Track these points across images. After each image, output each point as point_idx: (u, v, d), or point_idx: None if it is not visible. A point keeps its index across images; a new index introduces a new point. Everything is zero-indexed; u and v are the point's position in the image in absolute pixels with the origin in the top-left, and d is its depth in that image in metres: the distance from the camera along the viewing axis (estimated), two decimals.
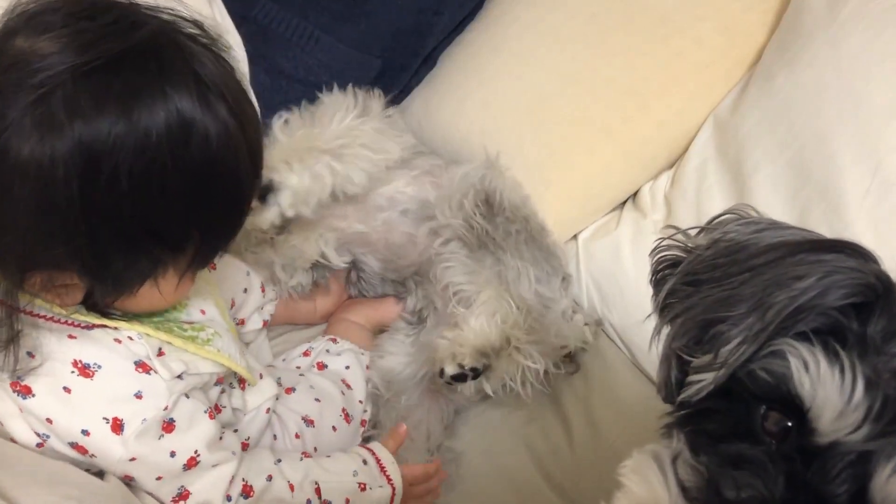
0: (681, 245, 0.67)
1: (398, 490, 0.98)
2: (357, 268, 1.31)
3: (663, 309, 0.65)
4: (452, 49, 1.48)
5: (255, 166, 0.76)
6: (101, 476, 0.79)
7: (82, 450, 0.76)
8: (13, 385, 0.74)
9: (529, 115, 1.34)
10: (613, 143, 1.33)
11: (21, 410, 0.75)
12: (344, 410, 1.09)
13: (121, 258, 0.70)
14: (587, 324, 1.25)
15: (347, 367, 1.16)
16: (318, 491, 0.91)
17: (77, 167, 0.63)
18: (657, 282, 0.67)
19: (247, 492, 0.85)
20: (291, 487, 0.89)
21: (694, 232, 0.68)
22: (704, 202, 1.24)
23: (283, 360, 1.20)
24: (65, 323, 0.76)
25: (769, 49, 1.29)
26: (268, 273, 1.20)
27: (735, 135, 1.24)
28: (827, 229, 1.06)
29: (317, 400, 1.08)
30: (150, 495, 0.81)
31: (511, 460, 1.16)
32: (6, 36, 0.66)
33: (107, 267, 0.70)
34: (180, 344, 0.81)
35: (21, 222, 0.66)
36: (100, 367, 0.76)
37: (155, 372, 0.78)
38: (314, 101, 1.27)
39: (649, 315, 0.68)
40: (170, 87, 0.66)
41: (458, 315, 1.12)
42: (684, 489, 0.52)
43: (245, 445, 0.91)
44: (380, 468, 0.99)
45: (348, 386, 1.13)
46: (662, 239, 0.68)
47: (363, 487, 0.95)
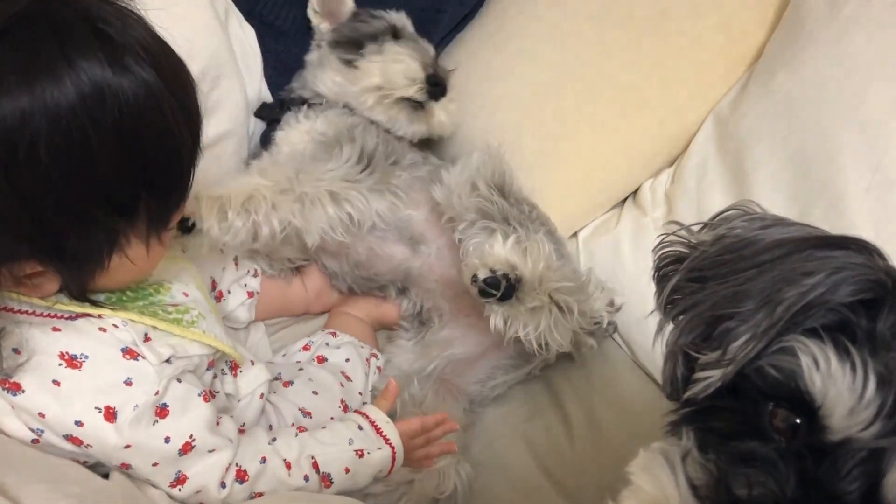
0: (684, 241, 0.66)
1: (398, 449, 0.97)
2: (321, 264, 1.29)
3: (667, 305, 0.65)
4: (453, 47, 1.48)
5: (191, 118, 0.74)
6: (103, 474, 0.79)
7: (77, 441, 0.76)
8: (1, 383, 0.74)
9: (530, 113, 1.34)
10: (614, 141, 1.33)
11: (13, 407, 0.75)
12: (343, 402, 1.10)
13: (73, 234, 0.68)
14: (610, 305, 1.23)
15: (347, 360, 1.17)
16: (316, 465, 0.90)
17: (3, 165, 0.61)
18: (660, 278, 0.67)
19: (241, 477, 0.85)
20: (288, 465, 0.89)
21: (697, 228, 0.67)
22: (705, 199, 1.24)
23: (284, 356, 1.20)
24: (48, 316, 0.76)
25: (770, 47, 1.29)
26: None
27: (735, 132, 1.24)
28: (827, 227, 1.02)
29: (314, 392, 1.08)
30: (147, 482, 0.81)
31: (512, 457, 1.16)
32: None
33: (63, 247, 0.69)
34: (165, 327, 0.81)
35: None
36: (87, 358, 0.75)
37: (143, 357, 0.77)
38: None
39: (652, 311, 0.67)
40: (73, 52, 0.63)
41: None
42: (694, 487, 0.52)
43: (241, 432, 0.91)
44: (375, 430, 0.97)
45: (348, 378, 1.14)
46: (665, 235, 0.68)
47: (361, 454, 0.93)
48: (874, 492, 0.46)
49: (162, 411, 0.79)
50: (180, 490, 0.81)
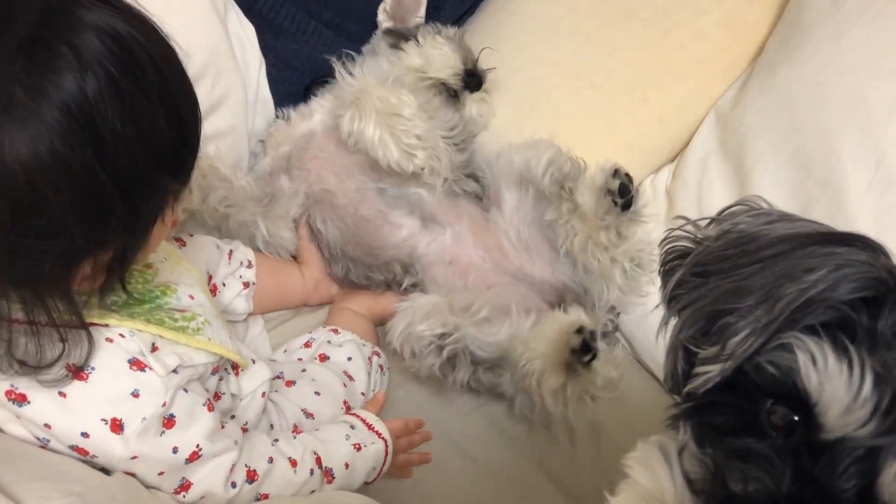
0: (690, 236, 0.66)
1: (389, 442, 1.01)
2: (315, 233, 1.28)
3: (671, 300, 0.65)
4: None
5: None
6: (104, 470, 0.78)
7: (83, 451, 0.76)
8: (8, 394, 0.73)
9: (530, 109, 1.34)
10: (615, 137, 1.33)
11: (18, 417, 0.74)
12: (346, 403, 1.09)
13: (145, 204, 0.69)
14: None
15: (349, 359, 1.15)
16: (319, 460, 0.92)
17: (78, 136, 0.61)
18: (665, 272, 0.67)
19: (251, 477, 0.85)
20: (293, 463, 0.90)
21: (704, 223, 0.67)
22: (706, 196, 1.24)
23: (285, 352, 1.19)
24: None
25: (771, 43, 1.28)
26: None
27: (737, 128, 1.24)
28: (828, 223, 1.04)
29: (317, 393, 1.08)
30: (152, 488, 0.80)
31: (512, 454, 1.16)
32: None
33: (138, 218, 0.69)
34: (172, 336, 0.81)
35: (69, 220, 0.63)
36: (93, 369, 0.74)
37: (150, 369, 0.77)
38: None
39: (657, 306, 0.67)
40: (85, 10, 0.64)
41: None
42: (690, 481, 0.52)
43: (244, 430, 0.91)
44: (367, 426, 1.01)
45: (350, 378, 1.13)
46: (672, 230, 0.67)
47: (358, 447, 0.97)
48: (870, 490, 0.46)
49: (169, 422, 0.78)
50: (185, 496, 0.81)
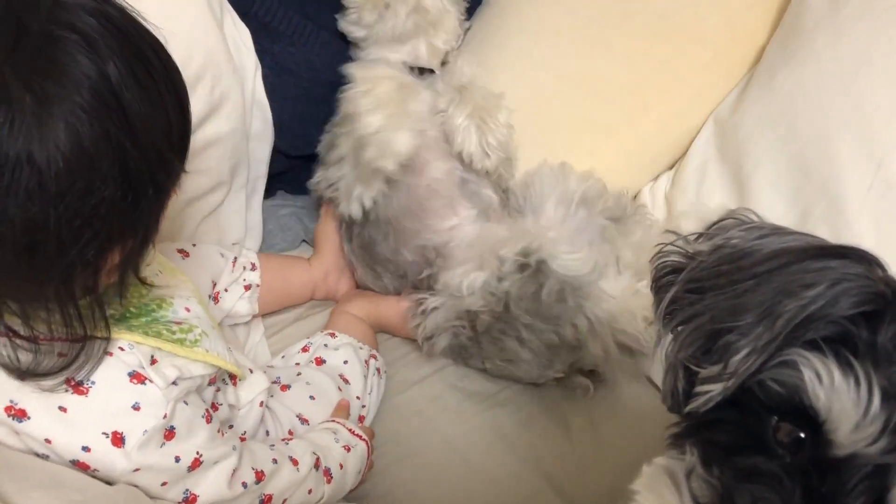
0: (681, 251, 0.66)
1: (370, 443, 1.06)
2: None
3: (665, 316, 0.64)
4: None
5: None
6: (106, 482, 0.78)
7: (84, 466, 0.75)
8: (7, 410, 0.72)
9: (529, 115, 1.33)
10: (614, 143, 1.33)
11: (18, 434, 0.74)
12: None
13: (164, 187, 0.69)
14: None
15: (346, 362, 1.16)
16: (318, 461, 0.94)
17: (110, 117, 0.61)
18: (658, 289, 0.66)
19: (259, 477, 0.87)
20: (295, 462, 0.92)
21: (694, 237, 0.67)
22: (705, 202, 1.24)
23: (283, 358, 1.20)
24: (51, 340, 0.73)
25: (770, 48, 1.28)
26: None
27: (736, 134, 1.24)
28: (828, 229, 1.06)
29: (312, 397, 1.08)
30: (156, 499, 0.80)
31: (511, 459, 1.15)
32: None
33: (160, 201, 0.70)
34: (170, 348, 0.80)
35: (112, 202, 0.63)
36: (93, 383, 0.74)
37: (150, 381, 0.76)
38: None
39: (650, 323, 0.67)
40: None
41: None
42: None
43: (242, 440, 0.92)
44: (348, 430, 1.04)
45: (346, 381, 1.13)
46: (663, 245, 0.67)
47: (347, 448, 1.01)
48: None
49: (170, 434, 0.78)
50: None
